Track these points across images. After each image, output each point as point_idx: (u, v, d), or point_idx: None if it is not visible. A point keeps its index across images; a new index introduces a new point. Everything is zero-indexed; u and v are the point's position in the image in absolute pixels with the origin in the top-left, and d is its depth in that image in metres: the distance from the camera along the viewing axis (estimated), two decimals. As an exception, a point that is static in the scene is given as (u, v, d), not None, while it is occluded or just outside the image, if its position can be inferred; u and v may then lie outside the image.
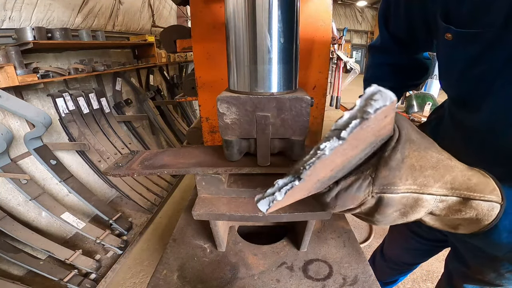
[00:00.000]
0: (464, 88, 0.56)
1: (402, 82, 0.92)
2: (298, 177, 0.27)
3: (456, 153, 0.37)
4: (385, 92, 0.25)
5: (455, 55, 0.53)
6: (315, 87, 1.14)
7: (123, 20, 3.29)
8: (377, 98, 0.25)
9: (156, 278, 0.75)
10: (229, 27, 0.57)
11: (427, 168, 0.32)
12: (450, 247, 0.86)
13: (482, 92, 0.51)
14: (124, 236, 2.21)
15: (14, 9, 1.97)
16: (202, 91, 1.18)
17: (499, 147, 0.53)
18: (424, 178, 0.32)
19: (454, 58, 0.54)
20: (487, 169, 0.38)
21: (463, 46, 0.50)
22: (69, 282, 1.67)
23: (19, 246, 1.72)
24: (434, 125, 0.78)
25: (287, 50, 0.57)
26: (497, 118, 0.51)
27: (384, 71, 0.91)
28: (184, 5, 1.16)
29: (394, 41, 0.83)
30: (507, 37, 0.43)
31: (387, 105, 0.25)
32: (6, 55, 1.72)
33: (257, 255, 0.83)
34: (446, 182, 0.34)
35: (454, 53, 0.53)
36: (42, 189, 1.93)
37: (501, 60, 0.46)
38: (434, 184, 0.33)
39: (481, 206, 0.35)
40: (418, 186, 0.32)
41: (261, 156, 0.66)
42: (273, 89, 0.59)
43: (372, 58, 0.95)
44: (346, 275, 0.75)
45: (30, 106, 1.80)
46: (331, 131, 0.26)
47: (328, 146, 0.25)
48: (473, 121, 0.57)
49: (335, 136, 0.25)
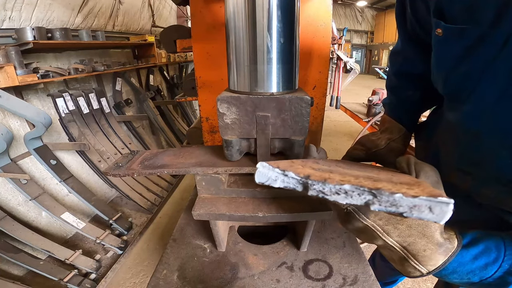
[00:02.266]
0: (451, 86, 0.54)
1: (426, 94, 0.81)
2: (375, 195, 0.33)
3: (448, 154, 0.39)
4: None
5: (444, 52, 0.53)
6: (315, 87, 1.14)
7: (123, 20, 3.29)
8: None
9: (156, 278, 0.75)
10: (229, 27, 0.57)
11: (404, 223, 0.42)
12: None
13: (468, 91, 0.50)
14: (124, 236, 2.21)
15: (14, 9, 1.97)
16: (202, 91, 1.18)
17: (484, 149, 0.51)
18: (392, 228, 0.43)
19: (443, 54, 0.53)
20: (475, 173, 0.39)
21: (452, 42, 0.49)
22: (69, 282, 1.67)
23: (19, 246, 1.72)
24: (432, 126, 0.76)
25: (287, 50, 0.57)
26: (480, 119, 0.49)
27: (406, 80, 0.82)
28: (184, 5, 1.16)
29: (412, 45, 0.78)
30: (493, 36, 0.43)
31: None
32: (6, 55, 1.72)
33: (257, 255, 0.83)
34: (405, 241, 0.43)
35: (443, 50, 0.53)
36: (42, 189, 1.93)
37: (486, 59, 0.45)
38: (394, 237, 0.43)
39: (408, 266, 0.44)
40: (382, 229, 0.43)
41: (261, 156, 0.66)
42: (273, 89, 0.59)
43: (393, 66, 0.87)
44: (346, 275, 0.75)
45: (30, 106, 1.80)
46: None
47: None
48: (460, 121, 0.55)
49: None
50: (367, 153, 0.79)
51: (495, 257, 0.41)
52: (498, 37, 0.42)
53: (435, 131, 0.72)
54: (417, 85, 0.79)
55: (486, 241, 0.44)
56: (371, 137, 0.83)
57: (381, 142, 0.79)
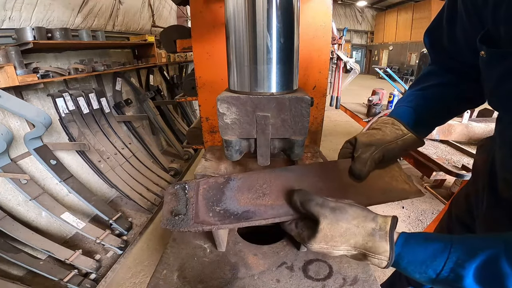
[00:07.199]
0: (496, 104, 0.58)
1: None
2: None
3: (502, 168, 0.50)
4: None
5: (488, 71, 0.56)
6: (315, 87, 1.14)
7: (123, 20, 3.29)
8: None
9: (156, 278, 0.75)
10: (229, 27, 0.57)
11: (335, 237, 0.49)
12: None
13: (510, 109, 0.54)
14: (124, 236, 2.21)
15: (14, 9, 1.97)
16: (202, 91, 1.18)
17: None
18: (334, 242, 0.50)
19: (488, 74, 0.56)
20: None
21: (495, 63, 0.52)
22: (69, 282, 1.67)
23: (19, 246, 1.72)
24: (491, 142, 0.75)
25: (287, 50, 0.57)
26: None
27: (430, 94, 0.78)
28: (184, 5, 1.16)
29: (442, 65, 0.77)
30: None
31: None
32: (6, 55, 1.72)
33: (257, 255, 0.83)
34: (350, 244, 0.49)
35: (487, 69, 0.55)
36: (42, 189, 1.93)
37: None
38: (341, 245, 0.50)
39: (374, 260, 0.48)
40: (329, 246, 0.50)
41: (261, 156, 0.66)
42: (273, 89, 0.59)
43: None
44: (346, 275, 0.75)
45: (30, 106, 1.80)
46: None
47: None
48: (505, 137, 0.58)
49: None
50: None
51: (442, 246, 0.44)
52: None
53: (493, 147, 0.74)
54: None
55: (432, 234, 0.49)
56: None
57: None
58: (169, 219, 0.58)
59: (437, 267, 0.42)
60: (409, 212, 2.60)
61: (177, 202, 0.60)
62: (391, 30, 17.18)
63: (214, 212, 0.59)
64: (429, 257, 0.44)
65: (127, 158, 2.70)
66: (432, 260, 0.43)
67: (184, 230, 0.56)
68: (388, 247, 0.46)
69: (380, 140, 0.66)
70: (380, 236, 0.47)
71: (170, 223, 0.57)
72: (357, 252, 0.49)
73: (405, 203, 2.72)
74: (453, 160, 1.77)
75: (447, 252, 0.42)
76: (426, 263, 0.44)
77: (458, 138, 2.07)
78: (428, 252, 0.44)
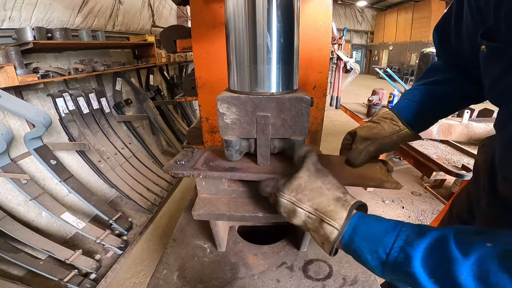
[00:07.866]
0: (495, 98, 0.59)
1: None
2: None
3: (500, 164, 0.51)
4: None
5: (488, 66, 0.56)
6: (315, 87, 1.14)
7: (123, 20, 3.29)
8: None
9: (156, 278, 0.75)
10: (229, 27, 0.57)
11: (307, 189, 0.52)
12: None
13: (508, 103, 0.54)
14: (124, 236, 2.21)
15: (14, 9, 1.97)
16: (202, 91, 1.18)
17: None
18: (303, 195, 0.52)
19: (487, 68, 0.57)
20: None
21: (495, 57, 0.53)
22: (69, 282, 1.67)
23: (19, 246, 1.72)
24: (492, 141, 0.75)
25: (287, 50, 0.57)
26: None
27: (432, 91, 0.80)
28: (184, 5, 1.16)
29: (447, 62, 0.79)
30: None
31: None
32: (6, 55, 1.72)
33: (257, 255, 0.83)
34: (314, 203, 0.51)
35: (487, 64, 0.56)
36: (42, 189, 1.93)
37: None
38: (306, 202, 0.51)
39: (326, 228, 0.48)
40: (296, 199, 0.52)
41: (261, 156, 0.66)
42: (273, 89, 0.59)
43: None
44: (346, 275, 0.75)
45: (30, 106, 1.80)
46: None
47: None
48: (504, 132, 0.59)
49: None
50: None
51: (394, 223, 0.45)
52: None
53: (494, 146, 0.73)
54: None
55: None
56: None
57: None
58: (172, 165, 0.67)
59: (388, 244, 0.42)
60: (409, 212, 2.60)
61: (183, 158, 0.72)
62: (391, 30, 17.18)
63: (208, 166, 0.69)
64: (381, 233, 0.44)
65: (127, 158, 2.70)
66: (384, 235, 0.43)
67: (178, 172, 0.65)
68: (345, 214, 0.48)
69: (377, 134, 0.73)
70: (342, 204, 0.49)
71: (171, 167, 0.67)
72: (315, 217, 0.50)
73: (405, 203, 2.72)
74: (453, 160, 1.77)
75: (398, 229, 0.43)
76: (378, 240, 0.44)
77: (458, 138, 2.07)
78: (380, 227, 0.45)
